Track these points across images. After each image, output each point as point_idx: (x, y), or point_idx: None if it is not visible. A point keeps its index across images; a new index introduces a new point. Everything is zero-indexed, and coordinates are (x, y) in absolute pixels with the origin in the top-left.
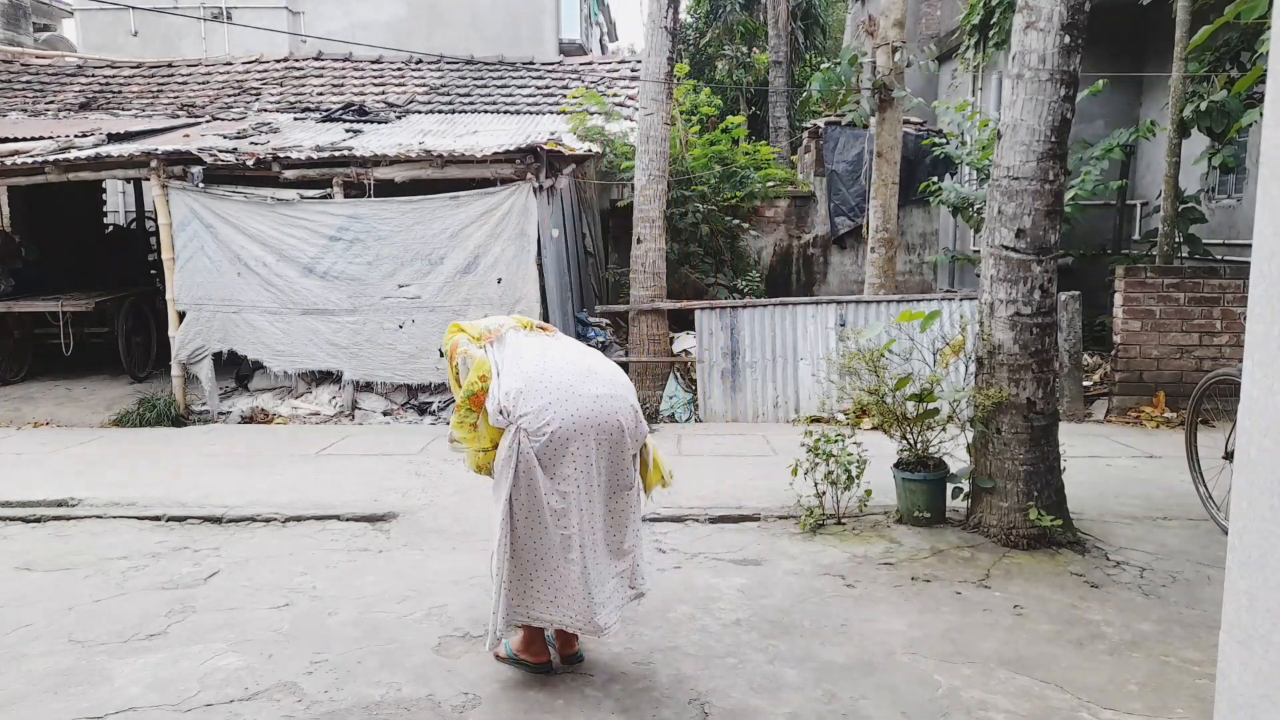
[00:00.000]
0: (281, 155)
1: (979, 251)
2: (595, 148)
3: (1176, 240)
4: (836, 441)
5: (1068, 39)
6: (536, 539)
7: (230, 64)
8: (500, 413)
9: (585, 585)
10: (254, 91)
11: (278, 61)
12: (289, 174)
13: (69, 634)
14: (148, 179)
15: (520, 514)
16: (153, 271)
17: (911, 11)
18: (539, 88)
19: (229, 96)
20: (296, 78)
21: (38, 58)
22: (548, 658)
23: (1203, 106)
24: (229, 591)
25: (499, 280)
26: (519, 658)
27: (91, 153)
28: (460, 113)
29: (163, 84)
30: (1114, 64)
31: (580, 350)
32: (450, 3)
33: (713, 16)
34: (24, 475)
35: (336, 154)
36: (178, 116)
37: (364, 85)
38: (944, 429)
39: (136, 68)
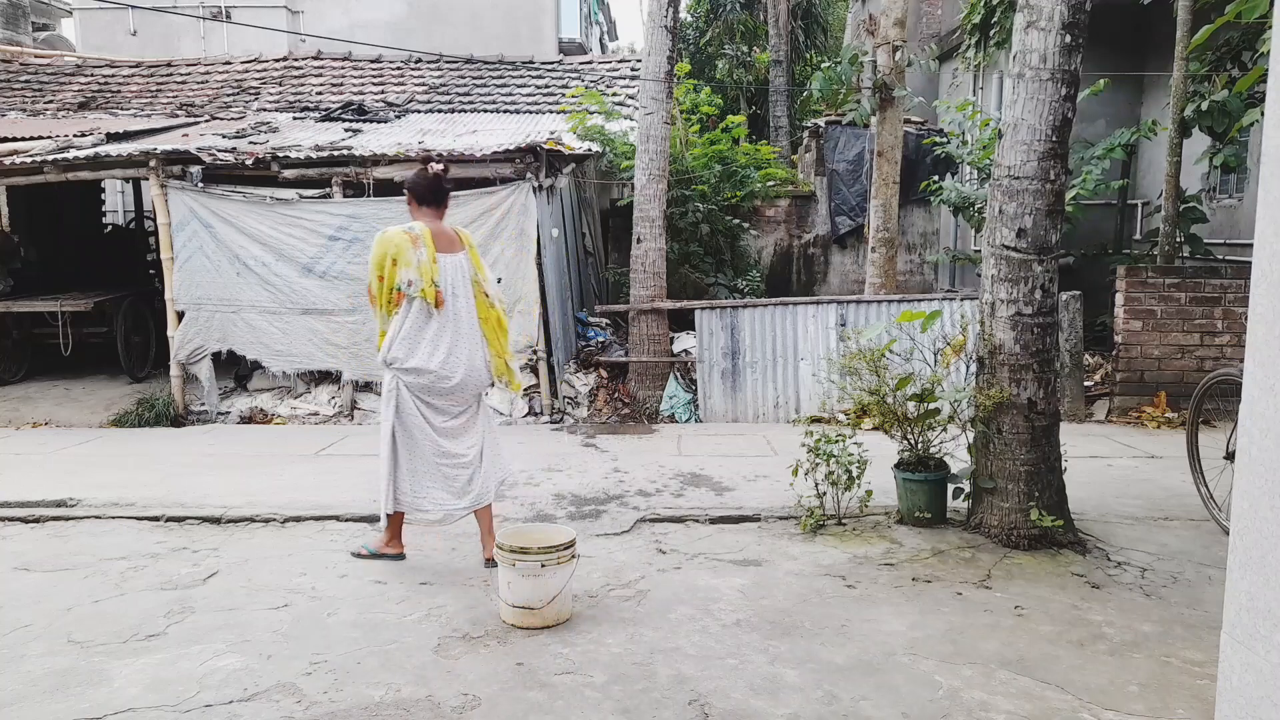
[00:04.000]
0: (281, 155)
1: (980, 251)
2: (595, 147)
3: (1178, 240)
4: (837, 442)
5: (1069, 38)
6: None
7: (229, 63)
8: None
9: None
10: (253, 91)
11: (277, 61)
12: (288, 173)
13: (68, 634)
14: (146, 179)
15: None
16: (151, 271)
17: (912, 11)
18: (539, 87)
19: (228, 96)
20: (296, 77)
21: (36, 57)
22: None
23: (1204, 106)
24: (228, 592)
25: (498, 280)
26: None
27: (90, 152)
28: (460, 112)
29: (162, 83)
30: (1115, 63)
31: None
32: (450, 2)
33: (713, 15)
34: (23, 475)
35: (336, 153)
36: (177, 116)
37: (363, 84)
38: (945, 429)
39: (135, 67)
